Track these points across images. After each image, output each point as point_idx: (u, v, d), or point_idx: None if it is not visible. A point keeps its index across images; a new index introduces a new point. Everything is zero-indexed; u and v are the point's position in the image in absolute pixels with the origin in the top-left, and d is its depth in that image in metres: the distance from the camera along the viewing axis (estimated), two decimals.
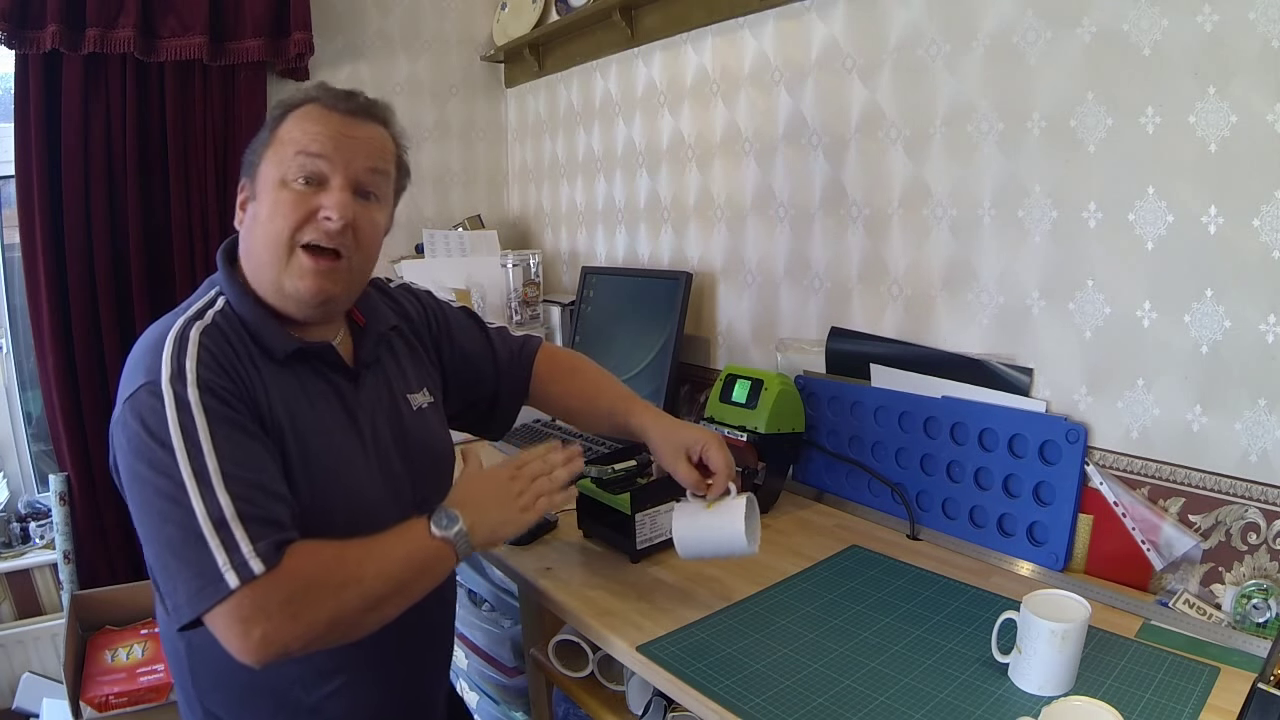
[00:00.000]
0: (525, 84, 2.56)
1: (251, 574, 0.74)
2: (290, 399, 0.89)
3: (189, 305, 0.90)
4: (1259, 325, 1.03)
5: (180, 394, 0.79)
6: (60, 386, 1.98)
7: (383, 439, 0.98)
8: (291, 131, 0.90)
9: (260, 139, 0.92)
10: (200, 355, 0.82)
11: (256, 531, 0.76)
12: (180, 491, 0.75)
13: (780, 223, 1.70)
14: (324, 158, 0.89)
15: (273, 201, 0.88)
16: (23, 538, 2.18)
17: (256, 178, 0.91)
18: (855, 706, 0.90)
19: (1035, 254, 1.26)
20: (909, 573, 1.23)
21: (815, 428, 1.56)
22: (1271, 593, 1.01)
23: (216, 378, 0.82)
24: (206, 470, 0.76)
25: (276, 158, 0.90)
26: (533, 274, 2.26)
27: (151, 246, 2.05)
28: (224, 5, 2.03)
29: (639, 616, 1.11)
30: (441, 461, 1.08)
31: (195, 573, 0.74)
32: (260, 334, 0.89)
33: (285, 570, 0.76)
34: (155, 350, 0.82)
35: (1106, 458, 1.20)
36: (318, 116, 0.91)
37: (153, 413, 0.78)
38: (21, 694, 2.04)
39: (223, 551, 0.74)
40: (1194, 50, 1.05)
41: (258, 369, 0.88)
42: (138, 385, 0.80)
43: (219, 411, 0.80)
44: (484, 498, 0.92)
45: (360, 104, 0.94)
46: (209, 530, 0.74)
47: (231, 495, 0.76)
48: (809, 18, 1.58)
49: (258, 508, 0.77)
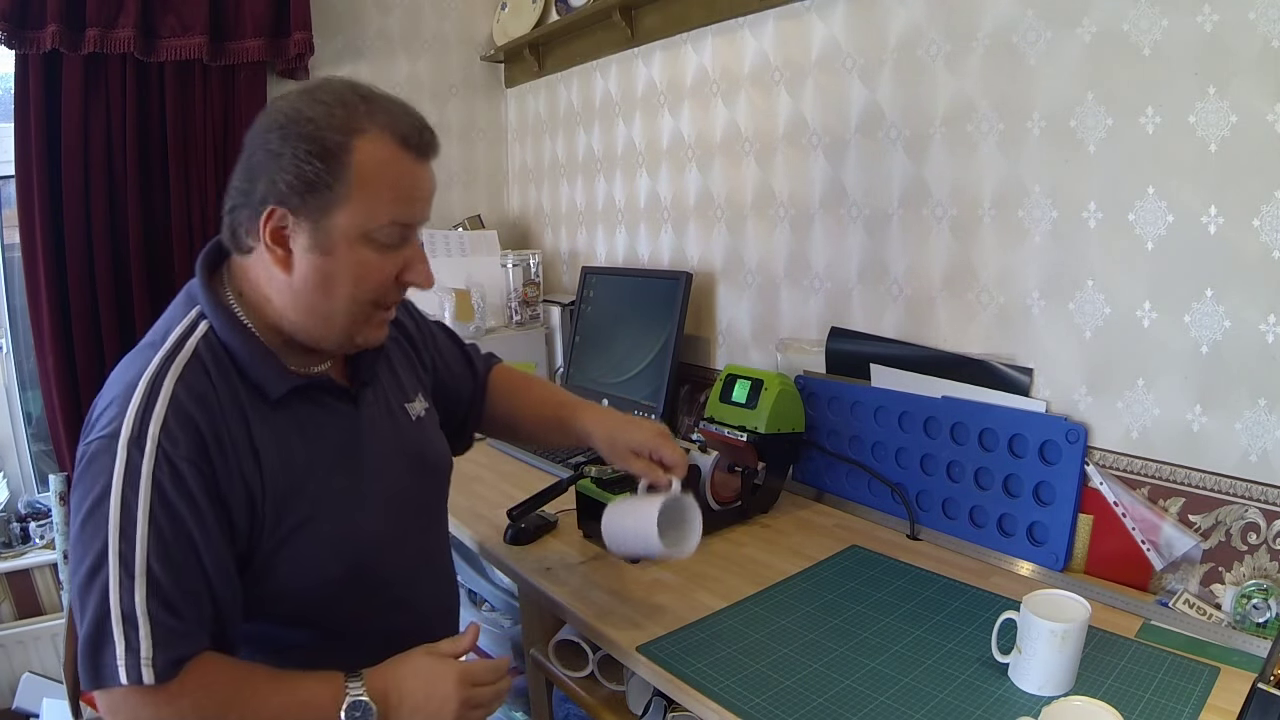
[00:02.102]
0: (525, 84, 2.56)
1: (139, 679, 0.71)
2: (282, 442, 0.84)
3: (167, 331, 0.82)
4: (1259, 325, 1.03)
5: (133, 462, 0.74)
6: (60, 386, 1.98)
7: (384, 456, 0.94)
8: (378, 182, 0.79)
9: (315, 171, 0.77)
10: (167, 417, 0.76)
11: (161, 638, 0.72)
12: (102, 565, 0.73)
13: (780, 223, 1.70)
14: (413, 225, 0.85)
15: (358, 262, 0.81)
16: (23, 538, 2.17)
17: (323, 227, 0.79)
18: (855, 706, 0.90)
19: (1035, 254, 1.26)
20: (909, 573, 1.23)
21: (815, 428, 1.56)
22: (1271, 593, 1.01)
23: (180, 447, 0.75)
24: (132, 561, 0.73)
25: (360, 212, 0.79)
26: (533, 274, 2.26)
27: (151, 246, 2.05)
28: (224, 5, 2.03)
29: (639, 616, 1.11)
30: (440, 469, 1.06)
31: (93, 649, 0.72)
32: (251, 372, 0.82)
33: (171, 692, 0.73)
34: (126, 394, 0.77)
35: (1106, 458, 1.20)
36: (404, 168, 0.82)
37: (102, 472, 0.74)
38: (21, 694, 2.04)
39: (122, 645, 0.71)
40: (1194, 50, 1.05)
41: (243, 414, 0.81)
42: (103, 431, 0.76)
43: (168, 494, 0.75)
44: (417, 701, 0.82)
45: (432, 145, 0.86)
46: (116, 618, 0.72)
47: (148, 595, 0.73)
48: (809, 18, 1.58)
49: (171, 615, 0.74)
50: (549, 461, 1.74)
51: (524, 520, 1.36)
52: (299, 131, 0.78)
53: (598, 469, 1.30)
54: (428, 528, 1.03)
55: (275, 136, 0.79)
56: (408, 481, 0.97)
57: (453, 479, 1.09)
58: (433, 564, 1.04)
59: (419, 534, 1.00)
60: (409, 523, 0.97)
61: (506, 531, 1.36)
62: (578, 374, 2.05)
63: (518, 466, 1.78)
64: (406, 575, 0.97)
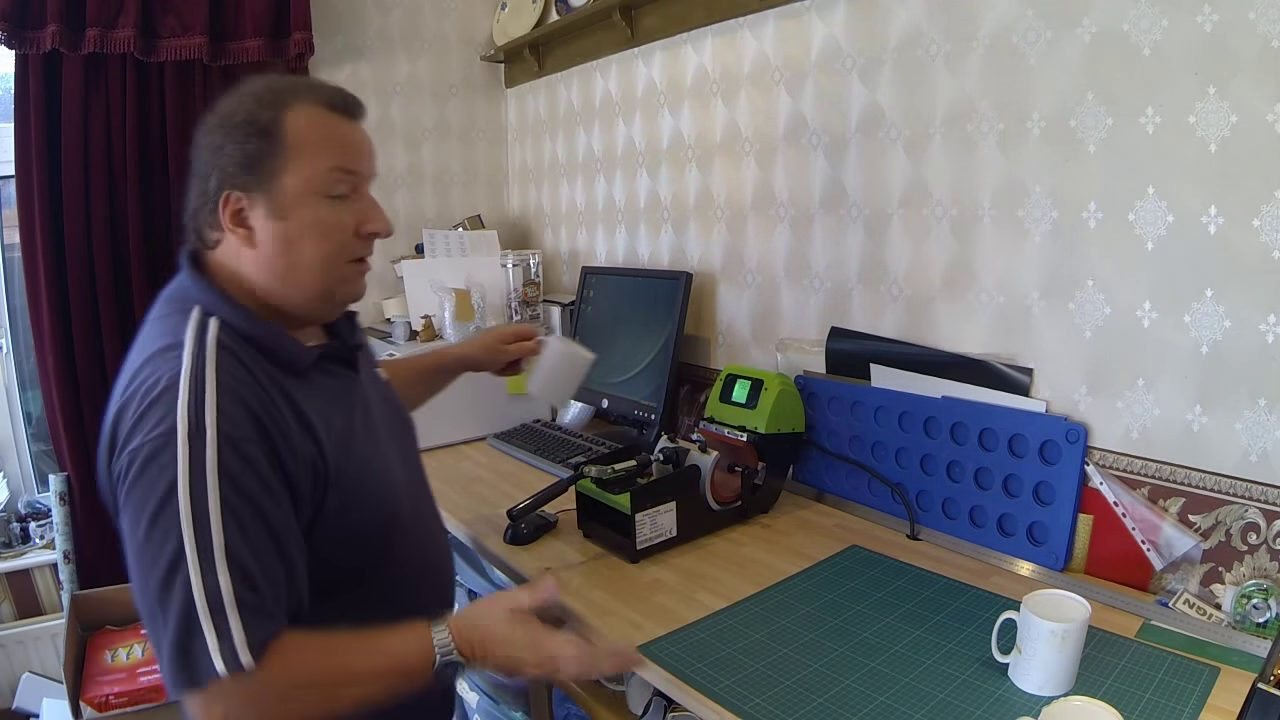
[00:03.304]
0: (525, 84, 2.56)
1: (238, 666, 0.71)
2: (320, 410, 0.87)
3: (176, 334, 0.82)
4: (1259, 325, 1.03)
5: (197, 453, 0.74)
6: (60, 386, 1.98)
7: (383, 416, 1.01)
8: (312, 140, 0.86)
9: (255, 146, 0.84)
10: (221, 402, 0.77)
11: (250, 621, 0.73)
12: (180, 562, 0.72)
13: (780, 223, 1.70)
14: (357, 172, 0.90)
15: (315, 220, 0.86)
16: (23, 538, 2.18)
17: (273, 192, 0.85)
18: (855, 706, 0.90)
19: (1035, 254, 1.26)
20: (909, 573, 1.23)
21: (815, 428, 1.56)
22: (1271, 593, 1.01)
23: (239, 429, 0.77)
24: (211, 550, 0.73)
25: (303, 169, 0.85)
26: (533, 274, 2.26)
27: (151, 246, 2.05)
28: (224, 5, 2.03)
29: (639, 616, 1.11)
30: (411, 426, 1.11)
31: (182, 649, 0.71)
32: (277, 351, 0.86)
33: (266, 669, 0.73)
34: (168, 394, 0.76)
35: (1106, 458, 1.20)
36: (335, 124, 0.89)
37: (163, 471, 0.74)
38: (21, 694, 2.04)
39: (214, 636, 0.71)
40: (1194, 50, 1.05)
41: (284, 392, 0.84)
42: (154, 433, 0.75)
43: (237, 476, 0.76)
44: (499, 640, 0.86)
45: (358, 106, 0.92)
46: (203, 611, 0.71)
47: (233, 581, 0.73)
48: (809, 18, 1.58)
49: (257, 595, 0.74)
50: (549, 461, 1.74)
51: (524, 520, 1.36)
52: (234, 121, 0.85)
53: (598, 469, 1.30)
54: (419, 477, 1.09)
55: (215, 134, 0.86)
56: (401, 438, 1.04)
57: (452, 479, 1.13)
58: (433, 512, 1.10)
59: (420, 484, 1.08)
60: (412, 470, 1.05)
61: (506, 531, 1.37)
62: None
63: (518, 466, 1.78)
64: (420, 521, 1.04)
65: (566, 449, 1.78)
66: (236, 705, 0.73)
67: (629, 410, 1.85)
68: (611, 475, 1.30)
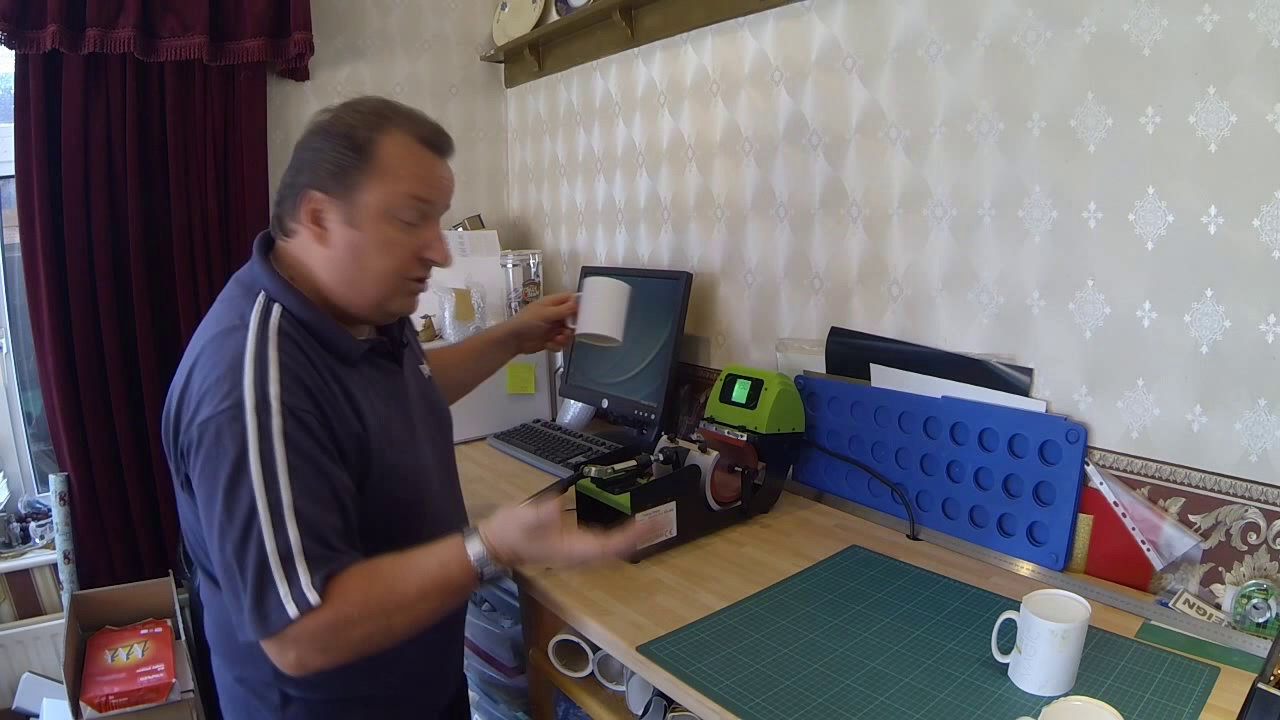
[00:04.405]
0: (525, 84, 2.56)
1: (309, 605, 0.81)
2: (365, 395, 0.96)
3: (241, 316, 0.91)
4: (1259, 325, 1.03)
5: (263, 424, 0.84)
6: (60, 386, 1.98)
7: (420, 407, 1.09)
8: (398, 167, 0.94)
9: (347, 159, 0.93)
10: (283, 379, 0.87)
11: (316, 566, 0.83)
12: (254, 520, 0.82)
13: (780, 223, 1.70)
14: (431, 203, 0.98)
15: (384, 238, 0.95)
16: (23, 538, 2.17)
17: (353, 203, 0.94)
18: (855, 706, 0.90)
19: (1035, 254, 1.26)
20: (909, 573, 1.23)
21: (815, 428, 1.56)
22: (1271, 593, 1.01)
23: (299, 401, 0.87)
24: (280, 507, 0.83)
25: (383, 190, 0.94)
26: (533, 274, 2.26)
27: (151, 246, 2.05)
28: (224, 5, 2.03)
29: (639, 616, 1.11)
30: (448, 419, 1.21)
31: (259, 598, 0.82)
32: (331, 340, 0.95)
33: (331, 604, 0.83)
34: (233, 371, 0.86)
35: (1106, 458, 1.20)
36: (422, 157, 0.97)
37: (233, 441, 0.83)
38: (21, 694, 2.04)
39: (285, 584, 0.81)
40: (1194, 50, 1.05)
41: (335, 376, 0.94)
42: (221, 407, 0.85)
43: (299, 441, 0.86)
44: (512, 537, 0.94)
45: (448, 144, 1.02)
46: (275, 563, 0.82)
47: (300, 532, 0.83)
48: (809, 18, 1.58)
49: (321, 544, 0.84)
50: (549, 461, 1.74)
51: None
52: (336, 131, 0.94)
53: (598, 469, 1.30)
54: (450, 465, 1.19)
55: (318, 138, 0.95)
56: (434, 427, 1.13)
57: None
58: (458, 498, 1.20)
59: (448, 469, 1.17)
60: (444, 458, 1.15)
61: None
62: (577, 374, 2.05)
63: (518, 466, 1.78)
64: (449, 506, 1.14)
65: (566, 449, 1.78)
66: (305, 644, 0.83)
67: (629, 410, 1.85)
68: (611, 475, 1.30)
